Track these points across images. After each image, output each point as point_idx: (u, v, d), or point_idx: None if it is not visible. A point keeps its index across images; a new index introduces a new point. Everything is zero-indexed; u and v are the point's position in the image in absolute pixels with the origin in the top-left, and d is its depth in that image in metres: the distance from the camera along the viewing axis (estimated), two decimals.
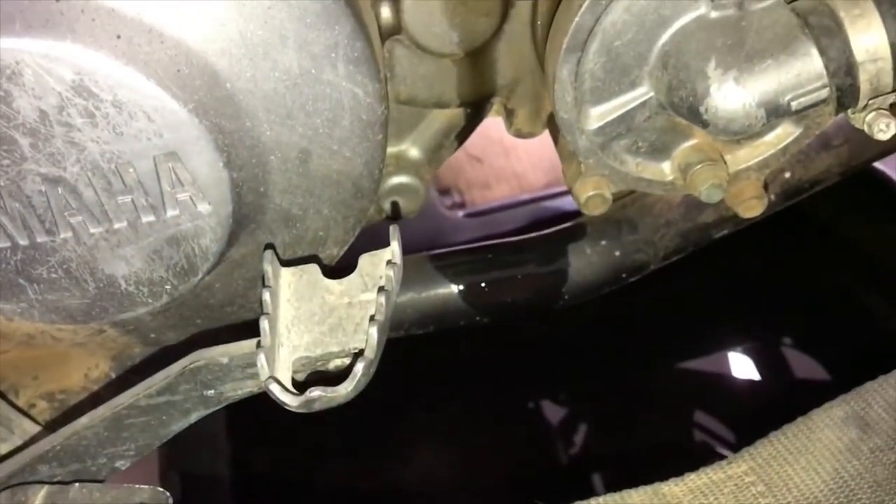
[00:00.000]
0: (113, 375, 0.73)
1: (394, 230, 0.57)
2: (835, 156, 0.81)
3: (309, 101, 0.55)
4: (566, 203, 1.25)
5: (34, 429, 0.68)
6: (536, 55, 0.66)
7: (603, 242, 0.77)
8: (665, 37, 0.57)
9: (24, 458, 0.58)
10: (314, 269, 0.58)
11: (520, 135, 0.72)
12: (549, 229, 0.80)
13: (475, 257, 0.79)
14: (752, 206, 0.66)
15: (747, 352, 1.22)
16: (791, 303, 1.20)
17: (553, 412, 1.18)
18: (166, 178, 0.52)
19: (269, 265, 0.57)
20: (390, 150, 0.72)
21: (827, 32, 0.54)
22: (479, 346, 1.16)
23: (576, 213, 0.80)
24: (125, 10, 0.48)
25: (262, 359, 0.51)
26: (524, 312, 0.79)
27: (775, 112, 0.56)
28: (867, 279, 1.21)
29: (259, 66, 0.52)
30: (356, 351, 0.53)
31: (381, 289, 0.54)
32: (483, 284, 0.77)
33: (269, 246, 0.59)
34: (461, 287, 0.77)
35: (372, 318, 0.53)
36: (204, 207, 0.54)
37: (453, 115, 0.72)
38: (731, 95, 0.55)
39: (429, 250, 0.81)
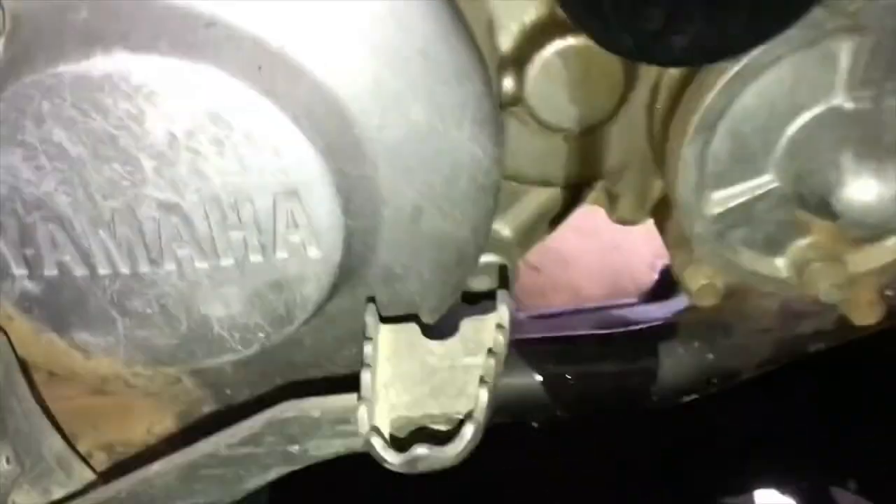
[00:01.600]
0: (176, 432, 0.69)
1: (502, 294, 0.55)
2: None
3: (430, 157, 0.54)
4: (629, 313, 1.22)
5: (91, 477, 0.64)
6: (649, 141, 0.65)
7: (696, 344, 0.74)
8: (796, 124, 0.56)
9: (85, 503, 0.55)
10: (414, 328, 0.56)
11: (622, 221, 0.70)
12: (637, 325, 0.77)
13: (561, 347, 0.76)
14: (867, 314, 0.63)
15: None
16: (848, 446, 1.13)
17: None
18: (282, 217, 0.51)
19: (371, 317, 0.55)
20: None
21: None
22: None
23: (643, 323, 0.77)
24: (269, 42, 0.48)
25: (363, 411, 0.48)
26: (609, 409, 0.74)
27: None
28: None
29: (388, 115, 0.52)
30: (459, 416, 0.50)
31: (490, 351, 0.51)
32: (568, 376, 0.74)
33: (371, 299, 0.57)
34: (544, 377, 0.74)
35: (482, 380, 0.50)
36: (314, 252, 0.53)
37: (550, 197, 0.71)
38: (867, 187, 0.53)
39: None
